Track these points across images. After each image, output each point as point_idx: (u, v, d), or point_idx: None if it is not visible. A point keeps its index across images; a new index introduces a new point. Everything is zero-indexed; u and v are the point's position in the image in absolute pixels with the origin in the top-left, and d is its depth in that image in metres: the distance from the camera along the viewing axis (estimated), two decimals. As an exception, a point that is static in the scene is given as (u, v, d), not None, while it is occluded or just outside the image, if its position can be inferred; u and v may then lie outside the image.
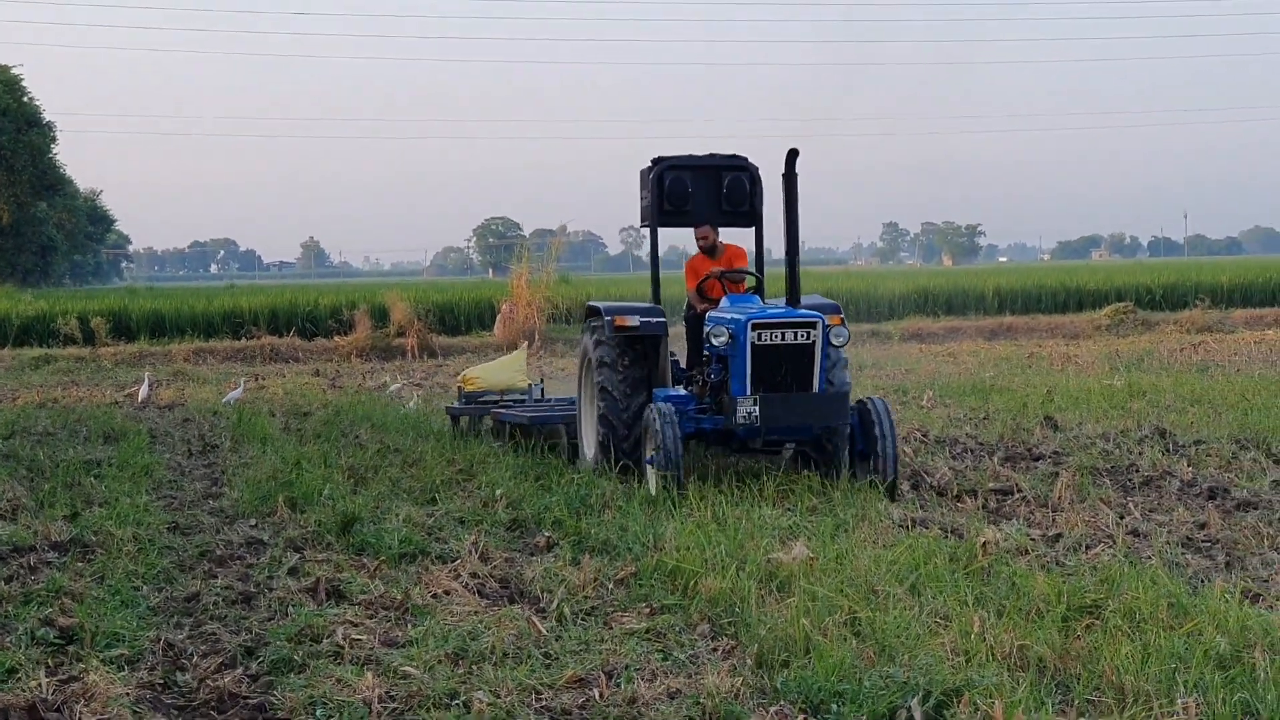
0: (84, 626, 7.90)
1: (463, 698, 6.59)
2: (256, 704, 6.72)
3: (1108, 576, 8.03)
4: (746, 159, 12.49)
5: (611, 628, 7.95)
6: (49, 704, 6.49)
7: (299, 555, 9.84)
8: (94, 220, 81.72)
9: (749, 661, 7.07)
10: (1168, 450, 13.25)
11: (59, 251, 68.56)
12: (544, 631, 7.81)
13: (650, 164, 12.42)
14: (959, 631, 7.10)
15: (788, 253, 11.61)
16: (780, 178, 11.42)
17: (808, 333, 10.81)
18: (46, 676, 6.91)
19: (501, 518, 10.96)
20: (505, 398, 16.16)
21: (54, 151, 64.76)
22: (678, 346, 12.72)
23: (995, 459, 12.83)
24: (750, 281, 12.45)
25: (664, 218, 12.37)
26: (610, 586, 8.86)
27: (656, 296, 12.69)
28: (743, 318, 10.83)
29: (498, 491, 11.77)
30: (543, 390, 16.33)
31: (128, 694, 6.71)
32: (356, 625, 7.91)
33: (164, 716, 6.64)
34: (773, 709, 6.23)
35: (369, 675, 6.82)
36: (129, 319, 35.72)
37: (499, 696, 6.59)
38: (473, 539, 9.97)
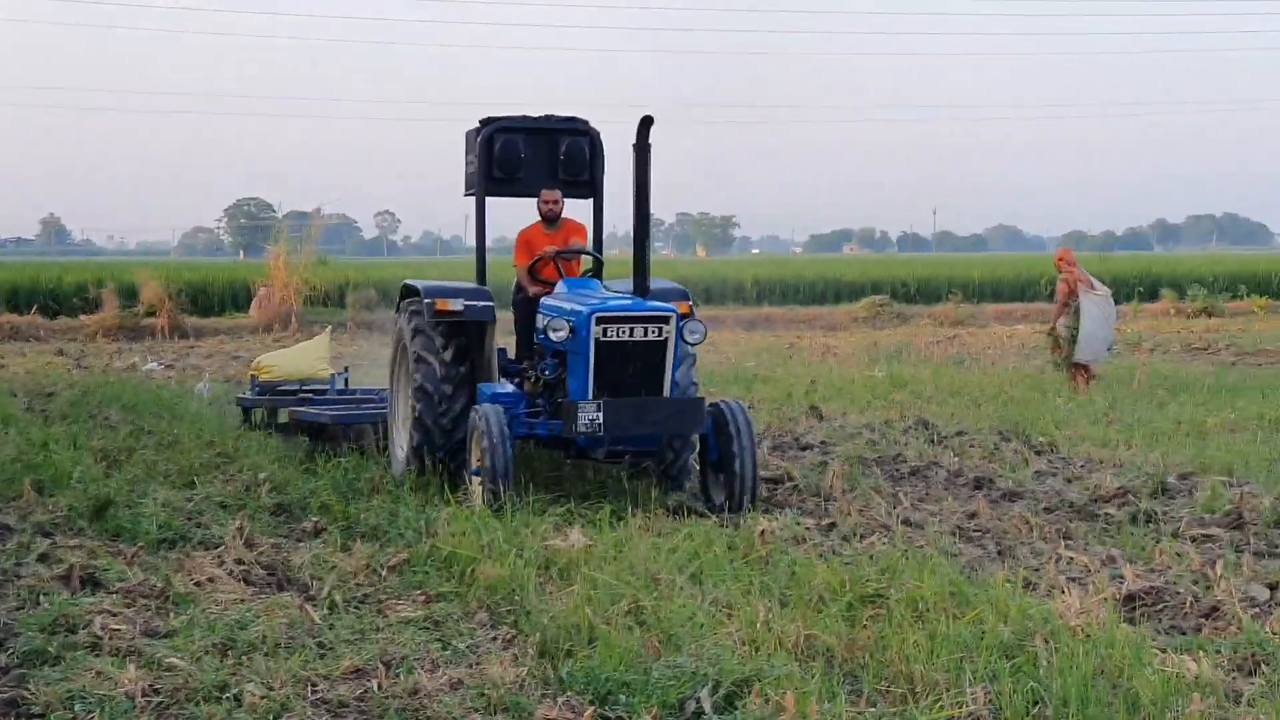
0: None
1: (233, 690, 6.40)
2: (8, 699, 6.43)
3: (888, 566, 8.19)
4: (587, 122, 11.36)
5: (387, 616, 7.93)
6: None
7: (49, 541, 9.57)
8: None
9: (531, 651, 7.05)
10: (932, 441, 13.65)
11: None
12: (317, 620, 7.73)
13: (478, 125, 11.23)
14: (744, 621, 7.17)
15: (636, 232, 10.40)
16: (631, 148, 10.11)
17: (660, 328, 9.68)
18: None
19: (266, 502, 10.84)
20: (305, 389, 14.63)
21: None
22: (504, 333, 11.62)
23: (764, 448, 12.97)
24: (588, 262, 11.30)
25: (493, 186, 11.15)
26: (383, 573, 8.85)
27: (482, 277, 11.46)
28: (585, 310, 9.66)
29: (261, 475, 11.66)
30: (347, 380, 14.81)
31: None
32: (115, 615, 7.69)
33: (-98, 715, 6.40)
34: (560, 700, 6.22)
35: (130, 668, 6.63)
36: None
37: (272, 689, 6.42)
38: (236, 524, 9.77)
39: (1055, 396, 17.18)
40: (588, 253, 11.13)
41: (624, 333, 9.55)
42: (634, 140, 10.08)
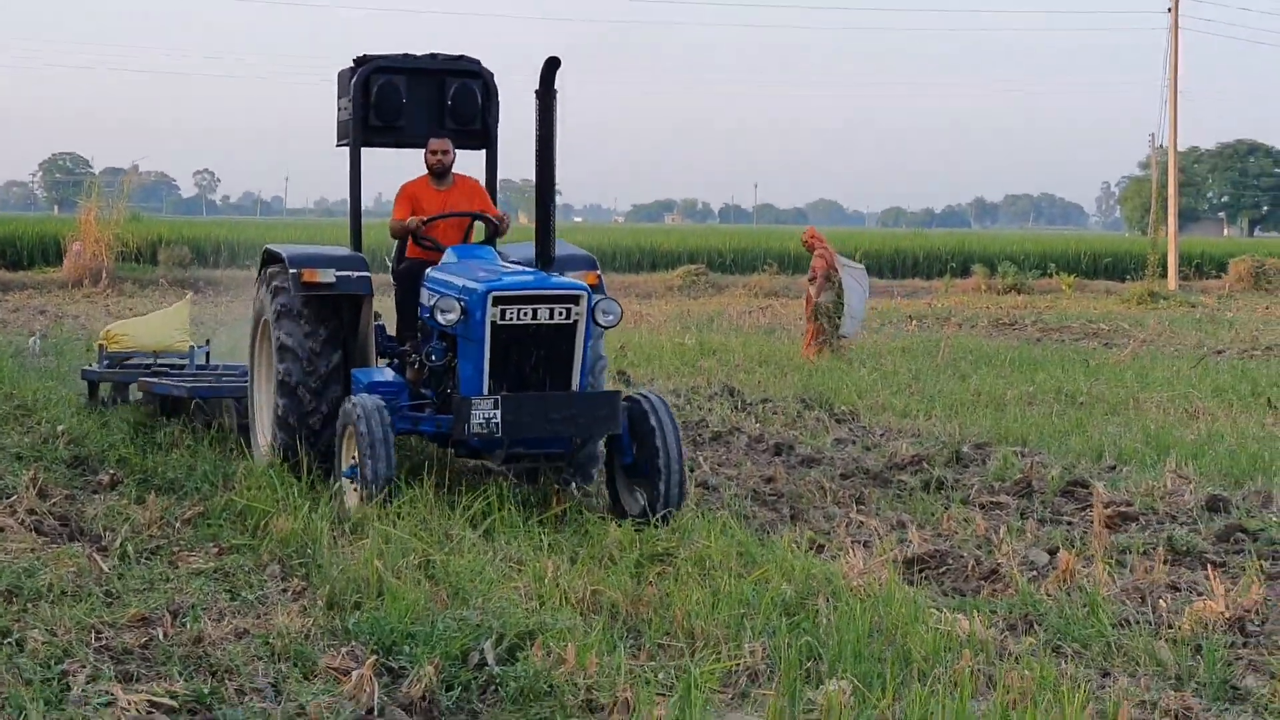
0: None
1: (16, 636, 6.46)
2: None
3: (680, 526, 8.47)
4: (479, 62, 10.00)
5: (178, 567, 8.09)
6: None
7: None
8: None
9: (320, 603, 7.22)
10: (737, 407, 13.97)
11: None
12: (105, 570, 7.88)
13: (352, 65, 9.89)
14: (532, 576, 7.34)
15: (539, 191, 8.76)
16: (533, 94, 8.53)
17: (568, 309, 8.30)
18: None
19: (63, 454, 11.05)
20: (159, 361, 13.35)
21: None
22: (382, 308, 10.30)
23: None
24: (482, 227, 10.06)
25: (370, 134, 9.84)
26: (177, 526, 9.03)
27: (357, 242, 10.07)
28: (480, 287, 8.28)
29: (59, 427, 11.84)
30: (208, 354, 13.59)
31: None
32: None
33: None
34: (343, 650, 6.34)
35: None
36: None
37: (55, 635, 6.48)
38: (30, 475, 9.85)
39: (860, 367, 17.59)
40: (485, 218, 9.76)
41: (525, 315, 8.20)
42: (536, 86, 8.51)
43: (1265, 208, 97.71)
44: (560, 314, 8.19)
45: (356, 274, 9.28)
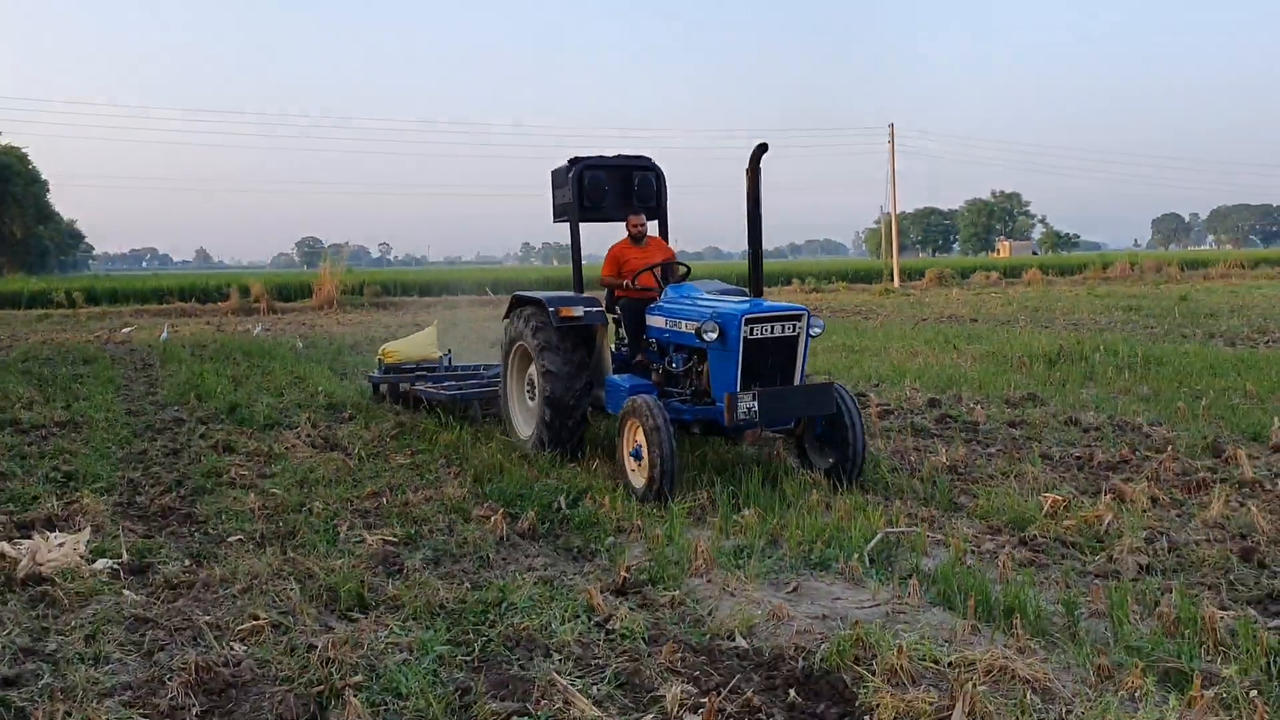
0: (78, 471, 9.68)
1: (307, 506, 8.36)
2: (185, 513, 8.30)
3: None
4: (651, 159, 11.21)
5: (390, 462, 10.05)
6: (59, 517, 8.00)
7: (205, 427, 12.13)
8: (71, 235, 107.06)
9: (469, 479, 9.34)
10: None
11: (51, 254, 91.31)
12: (352, 466, 9.83)
13: (567, 164, 10.89)
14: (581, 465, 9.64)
15: (750, 242, 9.40)
16: (745, 173, 9.27)
17: (793, 325, 9.09)
18: (56, 501, 8.50)
19: (322, 403, 13.83)
20: (421, 367, 15.07)
21: (47, 195, 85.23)
22: None
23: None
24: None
25: (584, 213, 10.85)
26: (387, 440, 11.21)
27: (580, 286, 10.82)
28: (736, 313, 8.91)
29: (320, 389, 14.78)
30: (450, 360, 15.22)
31: (106, 510, 8.27)
32: (242, 467, 9.91)
33: (130, 522, 8.02)
34: (485, 505, 8.31)
35: (250, 495, 8.73)
36: (96, 292, 45.17)
37: (328, 504, 8.34)
38: (307, 415, 12.42)
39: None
40: (681, 264, 10.86)
41: (766, 330, 8.96)
42: (746, 166, 9.20)
43: (939, 242, 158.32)
44: (789, 328, 8.99)
45: (595, 309, 10.16)
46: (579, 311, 10.12)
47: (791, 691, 4.94)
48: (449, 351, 15.67)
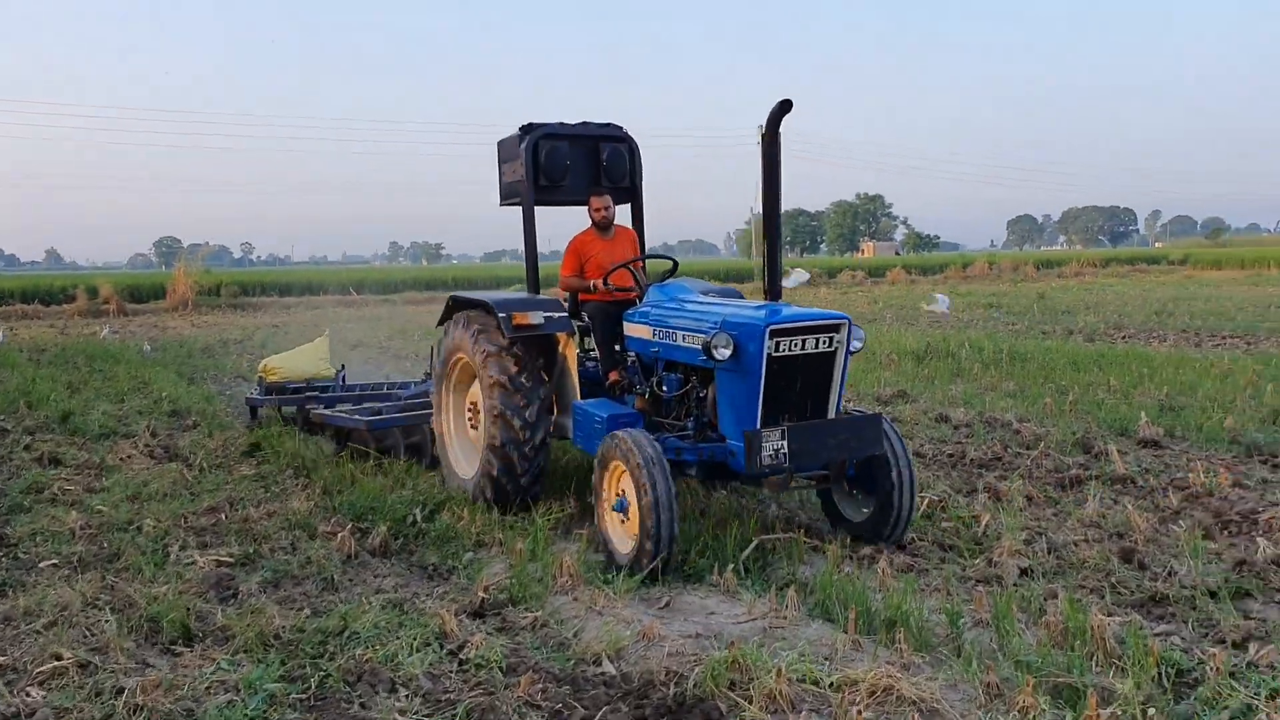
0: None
1: (135, 524, 7.92)
2: None
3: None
4: (623, 128, 9.38)
5: (233, 473, 9.62)
6: None
7: (31, 437, 11.43)
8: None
9: (318, 491, 8.90)
10: None
11: None
12: (190, 479, 9.39)
13: (518, 132, 8.98)
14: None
15: (767, 227, 7.28)
16: (760, 138, 7.29)
17: (831, 338, 7.01)
18: None
19: (166, 409, 13.23)
20: (311, 386, 13.07)
21: None
22: None
23: None
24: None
25: (540, 193, 8.92)
26: (233, 450, 10.71)
27: (535, 286, 9.09)
28: (757, 322, 6.83)
29: (164, 394, 14.25)
30: (344, 377, 13.27)
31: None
32: (69, 481, 9.31)
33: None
34: (332, 520, 7.94)
35: (74, 513, 8.15)
36: None
37: (159, 522, 7.88)
38: (147, 423, 11.80)
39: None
40: (668, 257, 9.22)
41: (795, 345, 6.91)
42: (763, 132, 7.23)
43: (807, 242, 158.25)
44: (825, 343, 6.98)
45: (558, 315, 8.32)
46: (537, 318, 8.29)
47: (662, 723, 4.33)
48: (343, 367, 13.82)
